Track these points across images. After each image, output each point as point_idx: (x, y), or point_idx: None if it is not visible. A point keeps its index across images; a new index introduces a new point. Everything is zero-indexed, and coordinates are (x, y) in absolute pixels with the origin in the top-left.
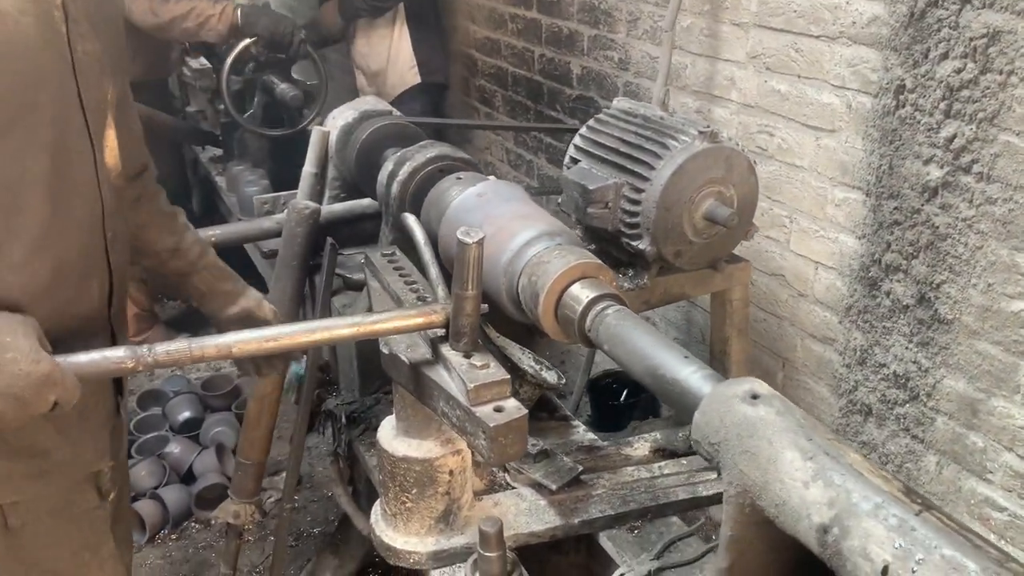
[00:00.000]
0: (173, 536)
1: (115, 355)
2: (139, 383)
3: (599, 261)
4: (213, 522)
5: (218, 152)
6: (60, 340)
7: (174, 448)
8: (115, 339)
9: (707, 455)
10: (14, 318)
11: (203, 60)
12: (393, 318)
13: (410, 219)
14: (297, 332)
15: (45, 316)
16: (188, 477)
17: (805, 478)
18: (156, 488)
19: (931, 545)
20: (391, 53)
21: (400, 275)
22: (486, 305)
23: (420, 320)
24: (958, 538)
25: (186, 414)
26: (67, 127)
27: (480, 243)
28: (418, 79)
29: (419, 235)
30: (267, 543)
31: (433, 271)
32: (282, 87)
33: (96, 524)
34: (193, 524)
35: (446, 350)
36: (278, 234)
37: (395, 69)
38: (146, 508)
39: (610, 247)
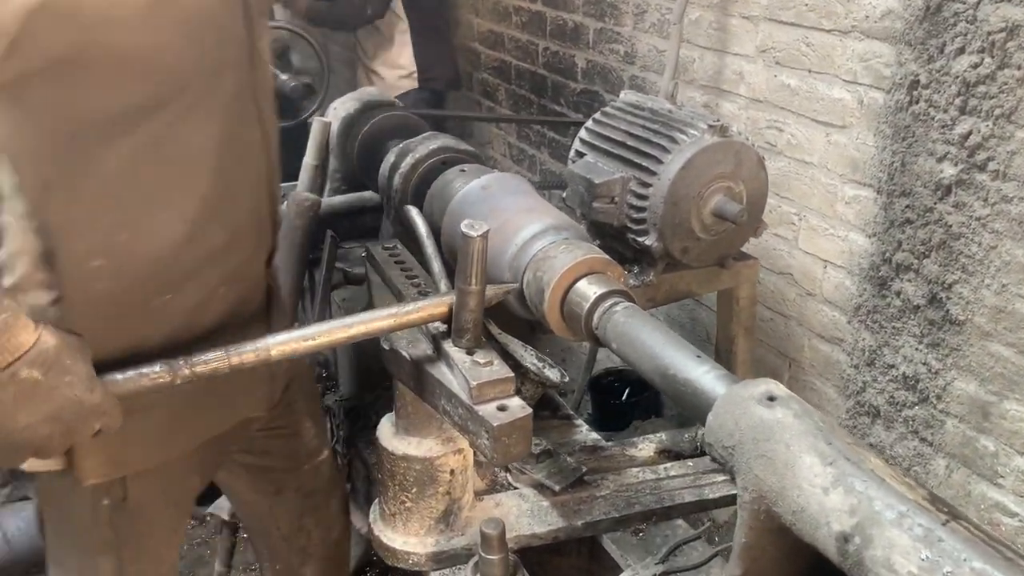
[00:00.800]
0: None
1: (152, 371)
2: None
3: (607, 256)
4: (208, 519)
5: None
6: (229, 307)
7: None
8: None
9: (720, 459)
10: (77, 341)
11: None
12: (427, 307)
13: (412, 211)
14: (334, 328)
15: (217, 280)
16: None
17: (824, 484)
18: None
19: (959, 557)
20: (391, 56)
21: (401, 269)
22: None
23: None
24: (988, 550)
25: None
26: (242, 85)
27: (485, 236)
28: (415, 84)
29: (422, 228)
30: None
31: (436, 265)
32: (282, 78)
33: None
34: (189, 521)
35: (448, 346)
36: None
37: (392, 72)
38: None
39: (615, 243)
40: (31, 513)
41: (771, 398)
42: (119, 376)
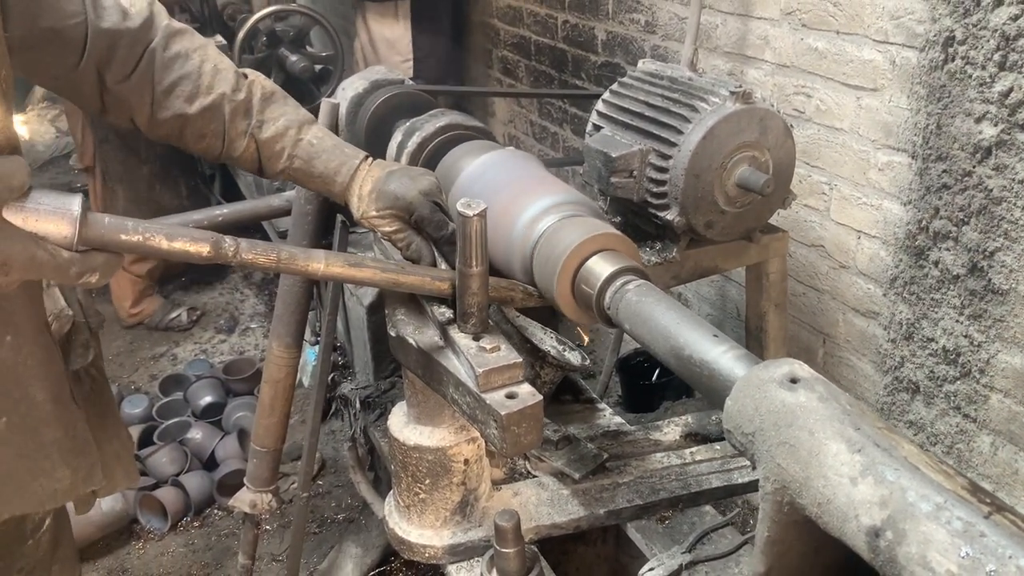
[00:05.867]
0: (195, 524)
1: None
2: (162, 368)
3: (619, 232)
4: (232, 511)
5: None
6: None
7: (196, 434)
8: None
9: (740, 447)
10: None
11: (219, 38)
12: (429, 276)
13: None
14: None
15: None
16: (210, 463)
17: (852, 473)
18: (178, 475)
19: (1005, 554)
20: (395, 39)
21: None
22: None
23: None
24: None
25: (208, 399)
26: None
27: (482, 215)
28: (410, 73)
29: None
30: (289, 531)
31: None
32: (292, 59)
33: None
34: (216, 511)
35: (454, 332)
36: (288, 212)
37: (394, 57)
38: (168, 495)
39: (636, 219)
40: None
41: (794, 380)
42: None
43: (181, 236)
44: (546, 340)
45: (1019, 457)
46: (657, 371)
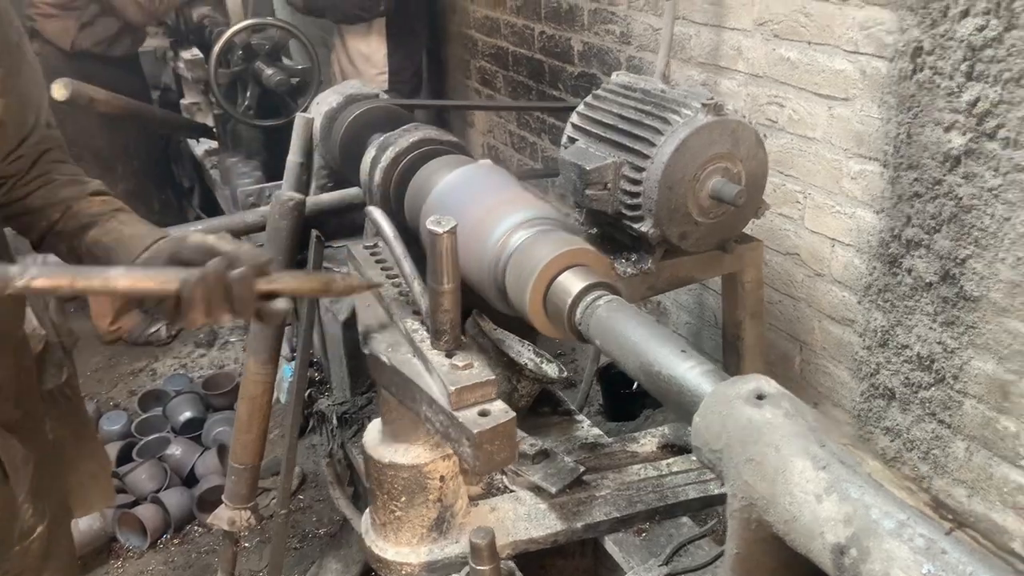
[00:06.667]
0: (175, 541)
1: None
2: (141, 383)
3: (591, 247)
4: (211, 527)
5: (214, 145)
6: None
7: (175, 450)
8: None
9: (709, 463)
10: None
11: (195, 51)
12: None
13: (375, 212)
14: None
15: None
16: (190, 479)
17: (817, 491)
18: (157, 492)
19: (965, 571)
20: (371, 53)
21: (382, 268)
22: None
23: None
24: (996, 562)
25: (187, 414)
26: None
27: (452, 232)
28: (385, 85)
29: (387, 229)
30: (269, 547)
31: (407, 266)
32: (268, 73)
33: None
34: (196, 528)
35: (427, 349)
36: (263, 228)
37: (370, 69)
38: (147, 513)
39: (612, 230)
40: None
41: (760, 396)
42: None
43: None
44: (524, 353)
45: (993, 462)
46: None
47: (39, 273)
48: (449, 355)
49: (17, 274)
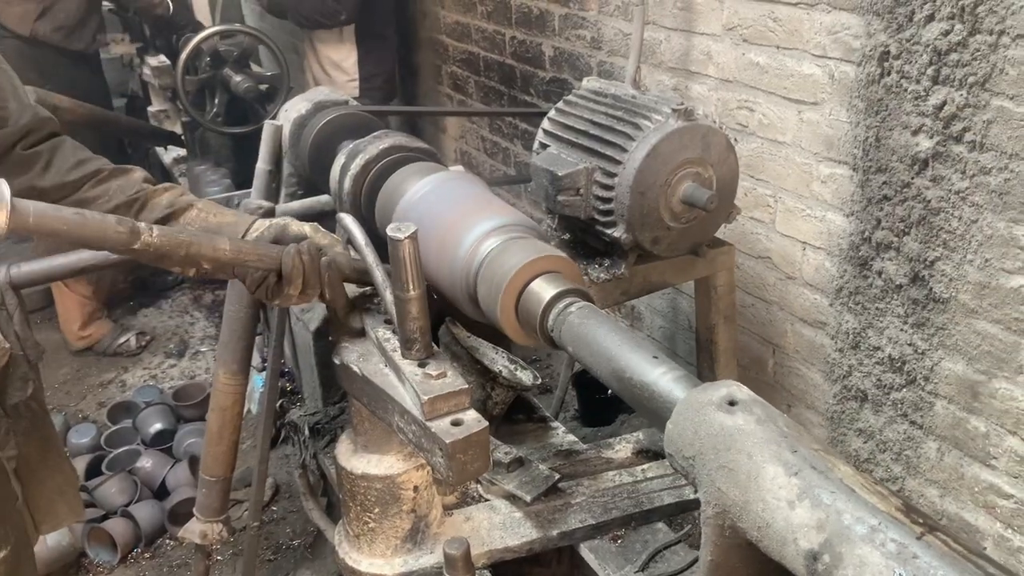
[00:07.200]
0: (146, 555)
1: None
2: (110, 395)
3: (562, 254)
4: (182, 541)
5: (182, 152)
6: None
7: (146, 462)
8: None
9: (682, 470)
10: None
11: (162, 58)
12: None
13: (347, 219)
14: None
15: None
16: (161, 492)
17: (790, 497)
18: (127, 505)
19: (936, 575)
20: (341, 59)
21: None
22: None
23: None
24: (967, 565)
25: (158, 426)
26: None
27: (413, 238)
28: (355, 93)
29: (359, 236)
30: (242, 560)
31: (378, 274)
32: (236, 79)
33: None
34: (167, 541)
35: (399, 359)
36: None
37: (341, 76)
38: (117, 527)
39: (584, 236)
40: None
41: (732, 402)
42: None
43: (96, 219)
44: (498, 360)
45: (964, 462)
46: None
47: (159, 232)
48: (422, 364)
49: (145, 230)
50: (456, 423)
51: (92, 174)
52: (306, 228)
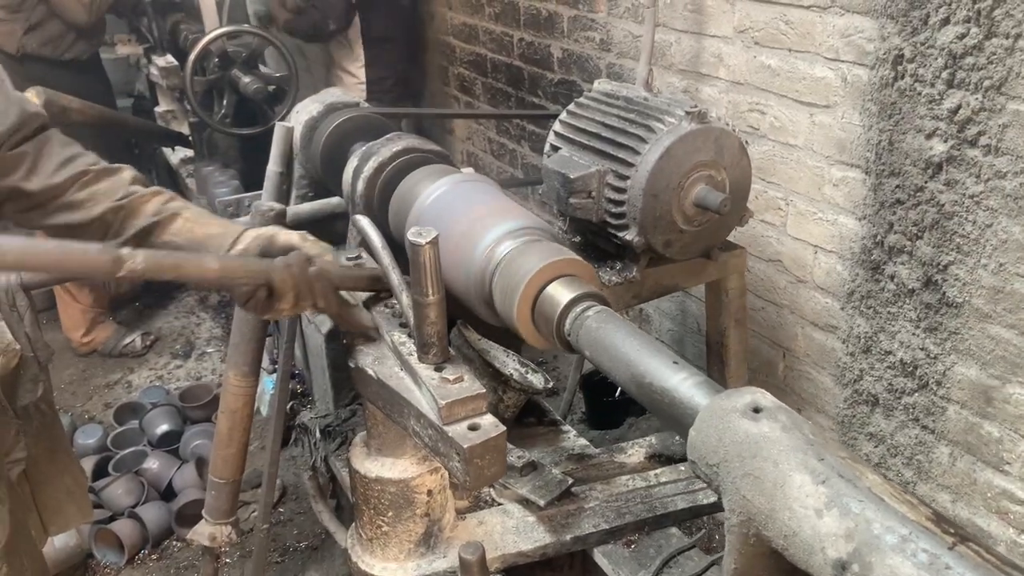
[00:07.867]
0: (153, 556)
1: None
2: (116, 396)
3: (578, 257)
4: (190, 543)
5: (190, 153)
6: None
7: (152, 464)
8: None
9: (705, 478)
10: None
11: (170, 58)
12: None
13: (363, 221)
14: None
15: None
16: (168, 493)
17: (818, 505)
18: (134, 507)
19: None
20: (350, 65)
21: None
22: None
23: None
24: None
25: (164, 427)
26: None
27: (434, 243)
28: (363, 95)
29: (375, 239)
30: (250, 562)
31: (395, 277)
32: (245, 81)
33: None
34: (174, 543)
35: (415, 363)
36: None
37: (351, 80)
38: (124, 528)
39: (596, 239)
40: None
41: (756, 409)
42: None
43: (78, 250)
44: (509, 363)
45: (977, 467)
46: (620, 387)
47: (143, 257)
48: (438, 368)
49: (128, 256)
50: (473, 427)
51: (79, 175)
52: (294, 238)
